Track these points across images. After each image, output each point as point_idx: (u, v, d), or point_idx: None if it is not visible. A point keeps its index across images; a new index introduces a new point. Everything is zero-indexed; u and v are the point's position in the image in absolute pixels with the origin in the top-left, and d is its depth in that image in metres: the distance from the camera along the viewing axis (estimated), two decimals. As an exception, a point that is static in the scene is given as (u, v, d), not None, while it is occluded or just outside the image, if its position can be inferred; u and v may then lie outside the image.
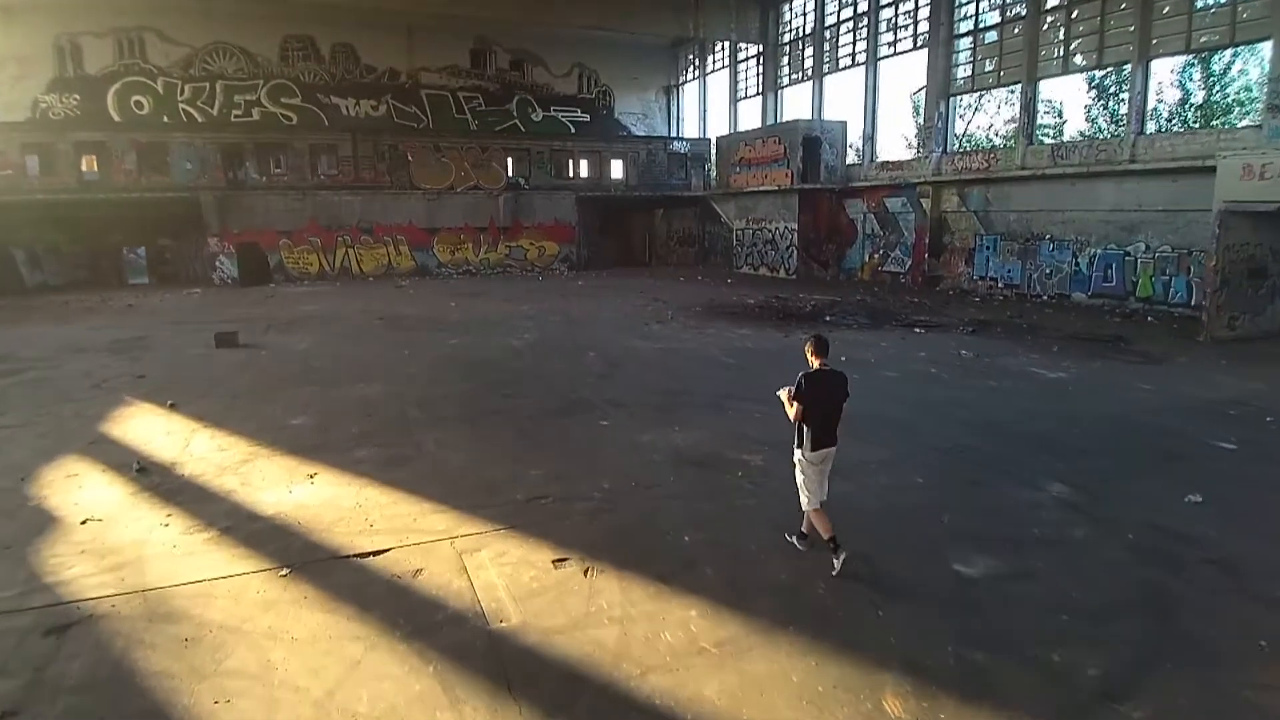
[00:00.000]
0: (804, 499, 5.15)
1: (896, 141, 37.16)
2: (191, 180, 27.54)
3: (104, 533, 5.66)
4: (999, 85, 22.80)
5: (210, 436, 8.07)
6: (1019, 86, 21.75)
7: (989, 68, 22.19)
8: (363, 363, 12.13)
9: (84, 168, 27.72)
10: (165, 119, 30.10)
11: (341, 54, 33.09)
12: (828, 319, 16.99)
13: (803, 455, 5.10)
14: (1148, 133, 19.60)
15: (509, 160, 32.07)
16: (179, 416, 8.95)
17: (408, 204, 29.86)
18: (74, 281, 27.58)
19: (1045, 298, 20.48)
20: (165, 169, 27.58)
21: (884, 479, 6.67)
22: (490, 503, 6.06)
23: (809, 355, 5.09)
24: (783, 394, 5.16)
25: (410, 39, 33.82)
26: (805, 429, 5.04)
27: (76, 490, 6.60)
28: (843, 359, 12.22)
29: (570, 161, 33.58)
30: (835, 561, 4.92)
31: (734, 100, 34.17)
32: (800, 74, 29.57)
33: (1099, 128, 28.62)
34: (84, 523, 5.87)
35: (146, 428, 8.49)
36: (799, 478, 5.16)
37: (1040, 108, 21.99)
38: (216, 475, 6.85)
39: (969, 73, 22.77)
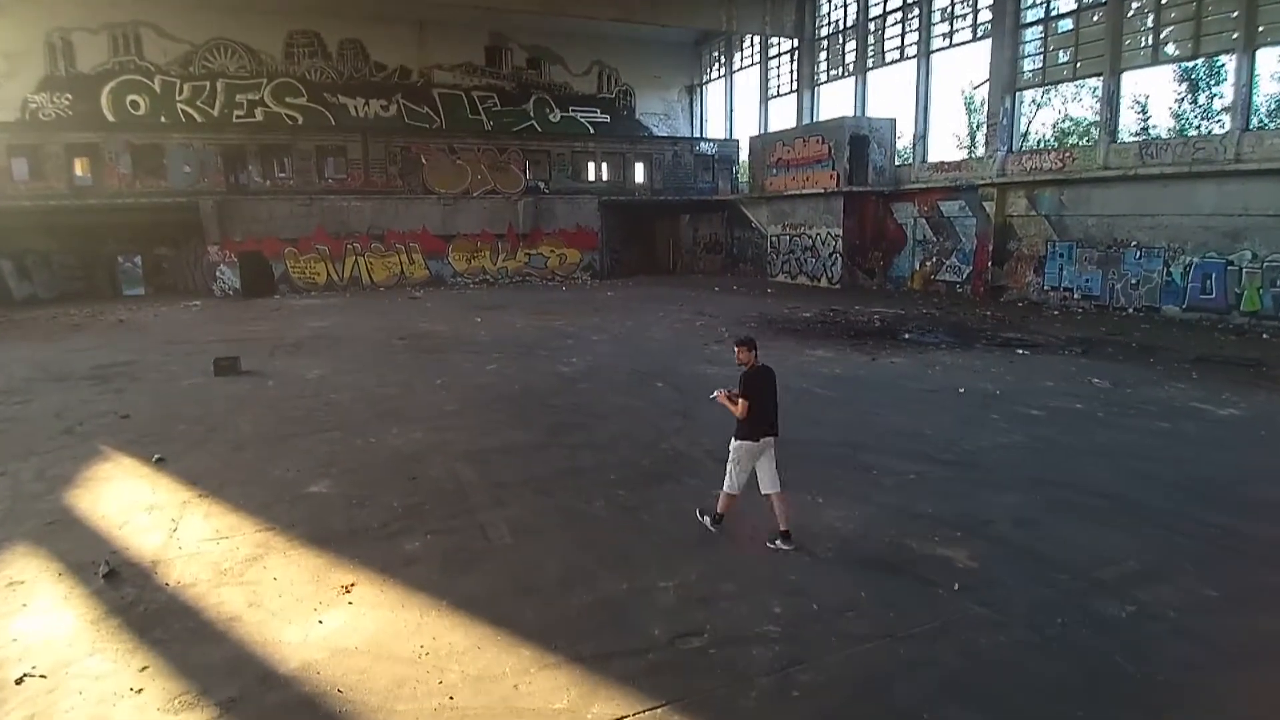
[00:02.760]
0: (727, 483, 5.44)
1: (947, 141, 35.13)
2: (190, 184, 25.61)
3: (46, 705, 3.70)
4: (1075, 78, 20.91)
5: (206, 514, 6.10)
6: (1098, 79, 19.88)
7: (1063, 59, 20.27)
8: (389, 398, 10.16)
9: (78, 171, 25.83)
10: (163, 119, 28.24)
11: (349, 51, 31.28)
12: (906, 336, 15.04)
13: (741, 445, 5.34)
14: (1252, 128, 17.65)
15: (527, 163, 30.11)
16: (166, 478, 6.98)
17: (421, 209, 27.93)
18: (66, 293, 25.70)
19: (1131, 311, 18.52)
20: (162, 172, 25.64)
21: (1168, 595, 4.68)
22: (621, 646, 4.09)
23: (744, 354, 5.42)
24: (719, 395, 5.52)
25: (422, 35, 32.03)
26: (748, 422, 5.29)
27: (18, 610, 4.64)
28: (961, 390, 10.33)
29: (591, 164, 31.65)
30: (707, 522, 5.59)
31: (764, 99, 32.28)
32: (840, 69, 27.66)
33: (1187, 123, 26.44)
34: (20, 681, 3.92)
35: (124, 497, 6.53)
36: (731, 465, 5.41)
37: (1122, 102, 20.04)
38: (214, 585, 4.88)
39: (1038, 65, 20.84)
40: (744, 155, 34.18)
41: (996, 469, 7.14)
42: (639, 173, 32.29)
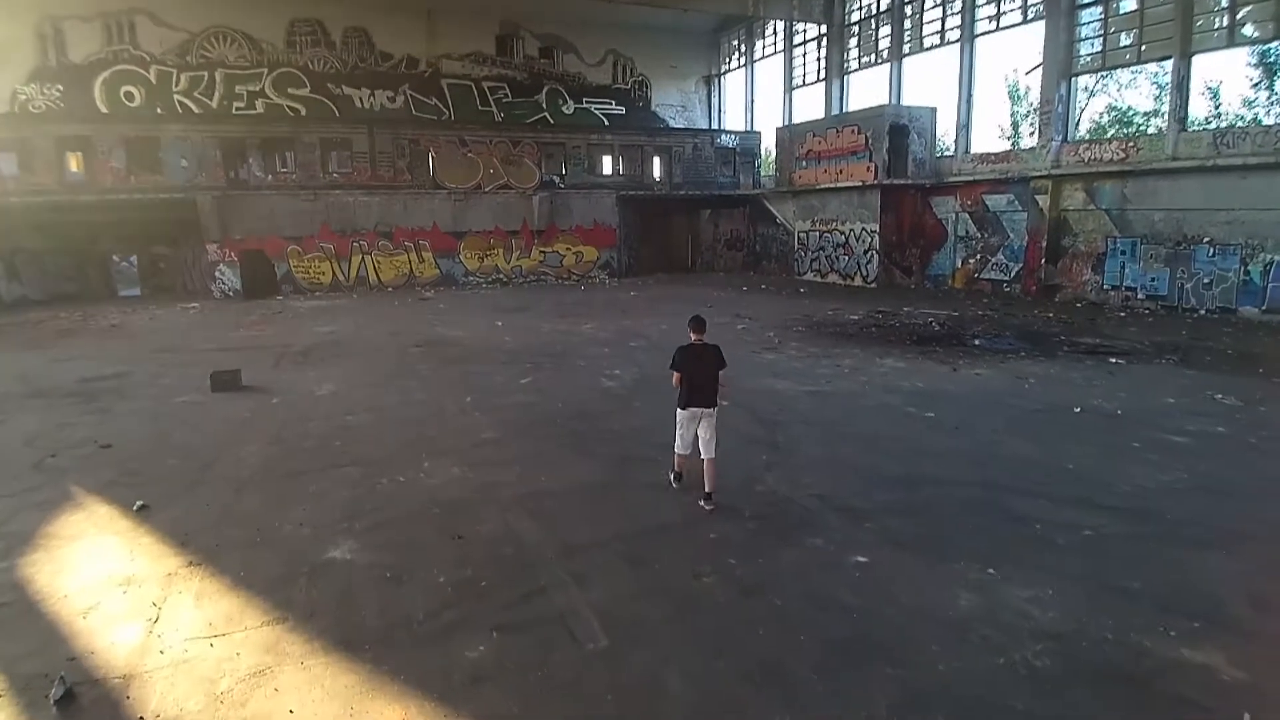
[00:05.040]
0: (676, 443, 6.10)
1: (988, 132, 33.44)
2: (187, 180, 24.16)
3: None
4: (1140, 61, 19.40)
5: (197, 594, 4.69)
6: (1158, 64, 18.47)
7: (1125, 41, 18.81)
8: (414, 421, 8.76)
9: (73, 167, 24.47)
10: (159, 111, 26.83)
11: (354, 40, 29.90)
12: (977, 342, 13.62)
13: (678, 412, 6.00)
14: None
15: (541, 156, 28.61)
16: (149, 536, 5.58)
17: (431, 205, 26.50)
18: (58, 295, 24.35)
19: (1203, 312, 17.11)
20: (158, 167, 24.20)
21: None
22: None
23: (690, 331, 6.00)
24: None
25: (430, 23, 30.66)
26: (680, 391, 5.94)
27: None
28: (1077, 410, 8.91)
29: (607, 157, 30.18)
30: (672, 480, 6.26)
31: (788, 89, 30.85)
32: (873, 56, 26.21)
33: (1261, 110, 24.76)
34: None
35: (95, 565, 5.13)
36: (677, 429, 6.05)
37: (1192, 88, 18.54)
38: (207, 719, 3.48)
39: (1097, 48, 19.38)
40: (767, 147, 32.77)
41: (1180, 520, 5.73)
42: (657, 166, 30.82)
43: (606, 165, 30.15)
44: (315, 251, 25.08)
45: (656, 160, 30.77)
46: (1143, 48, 18.51)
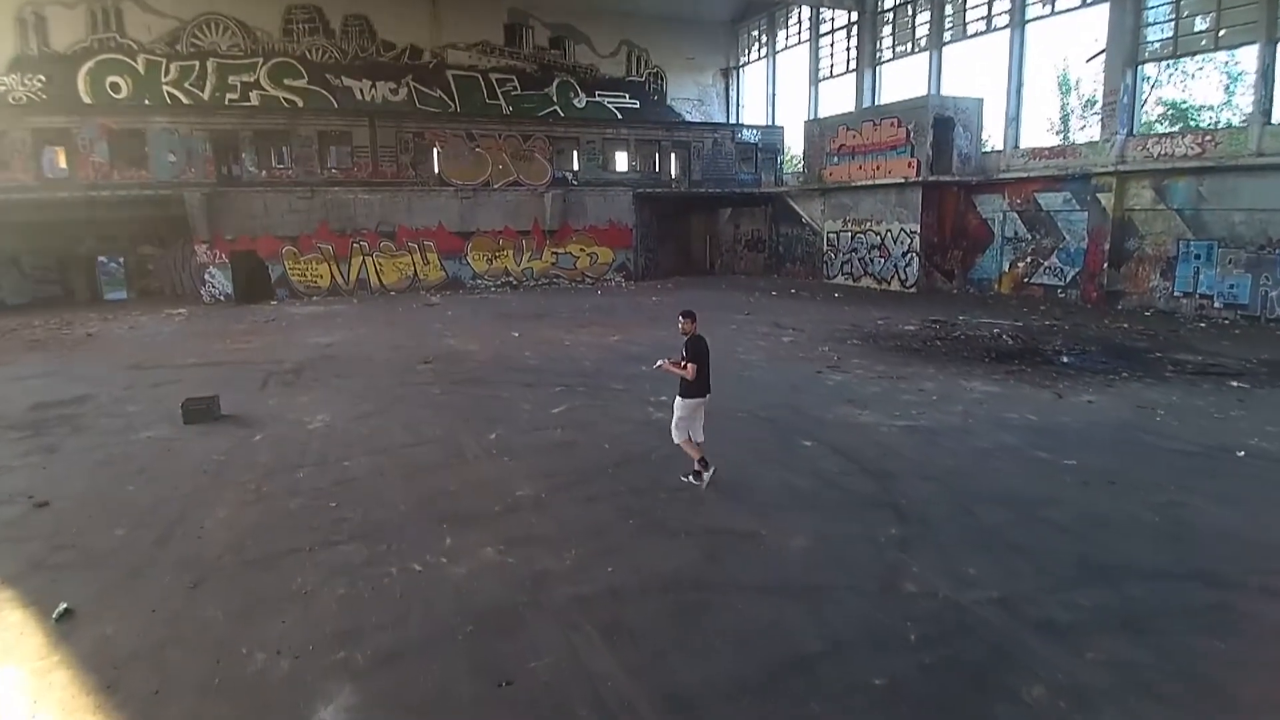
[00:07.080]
0: (675, 435, 6.40)
1: (1036, 125, 31.69)
2: (175, 175, 22.46)
3: None
4: (1218, 48, 17.67)
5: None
6: (1240, 50, 16.77)
7: (1201, 26, 17.13)
8: (429, 467, 7.08)
9: (60, 163, 22.79)
10: (146, 102, 25.15)
11: (354, 28, 28.25)
12: (1065, 360, 11.93)
13: (690, 402, 6.34)
14: None
15: (552, 151, 26.86)
16: (65, 670, 3.91)
17: (436, 203, 24.77)
18: (40, 298, 22.80)
19: (1292, 323, 15.46)
20: (143, 161, 22.50)
21: None
22: None
23: (686, 323, 6.47)
24: (664, 364, 6.57)
25: (435, 11, 29.04)
26: (696, 383, 6.22)
27: None
28: (1240, 454, 7.23)
29: (623, 153, 28.47)
30: (706, 475, 6.28)
31: (814, 81, 29.16)
32: (909, 45, 24.52)
33: None
34: None
35: (-29, 728, 3.48)
36: (675, 419, 6.40)
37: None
38: None
39: (1168, 34, 17.69)
40: (790, 143, 31.12)
41: None
42: (674, 163, 29.08)
43: (621, 162, 28.47)
44: (312, 252, 23.37)
45: (673, 156, 29.04)
46: (1220, 33, 16.83)
